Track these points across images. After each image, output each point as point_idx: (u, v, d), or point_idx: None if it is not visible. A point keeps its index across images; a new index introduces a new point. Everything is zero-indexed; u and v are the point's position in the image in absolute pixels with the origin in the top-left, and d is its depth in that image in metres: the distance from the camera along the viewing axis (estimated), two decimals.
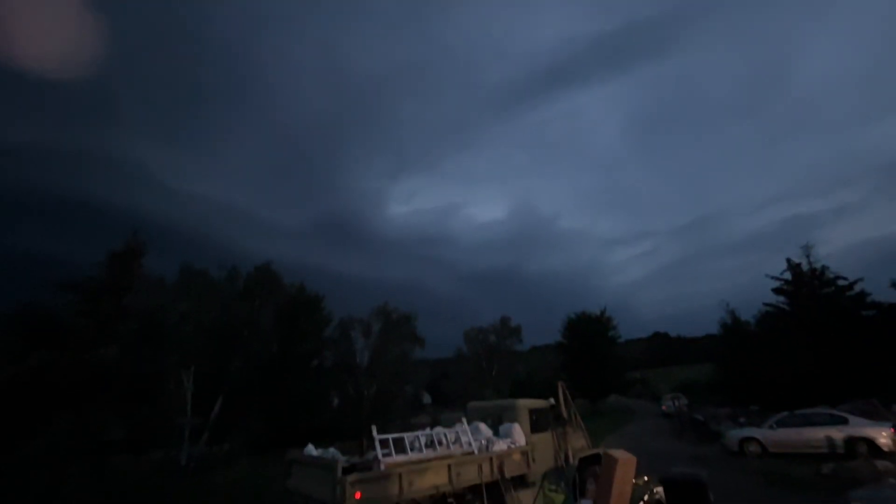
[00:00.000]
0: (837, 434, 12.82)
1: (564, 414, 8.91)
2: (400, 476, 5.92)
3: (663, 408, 35.98)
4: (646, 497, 7.80)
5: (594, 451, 8.96)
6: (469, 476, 6.63)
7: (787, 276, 24.81)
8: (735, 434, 15.33)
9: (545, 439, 8.30)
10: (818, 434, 13.16)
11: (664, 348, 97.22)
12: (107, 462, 12.76)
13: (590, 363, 37.87)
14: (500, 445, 7.38)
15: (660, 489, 7.67)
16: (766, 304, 25.82)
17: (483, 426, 7.83)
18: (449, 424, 7.65)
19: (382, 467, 5.92)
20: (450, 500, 6.38)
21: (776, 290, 25.17)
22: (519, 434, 7.78)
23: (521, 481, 7.46)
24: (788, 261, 24.82)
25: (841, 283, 23.06)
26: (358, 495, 5.49)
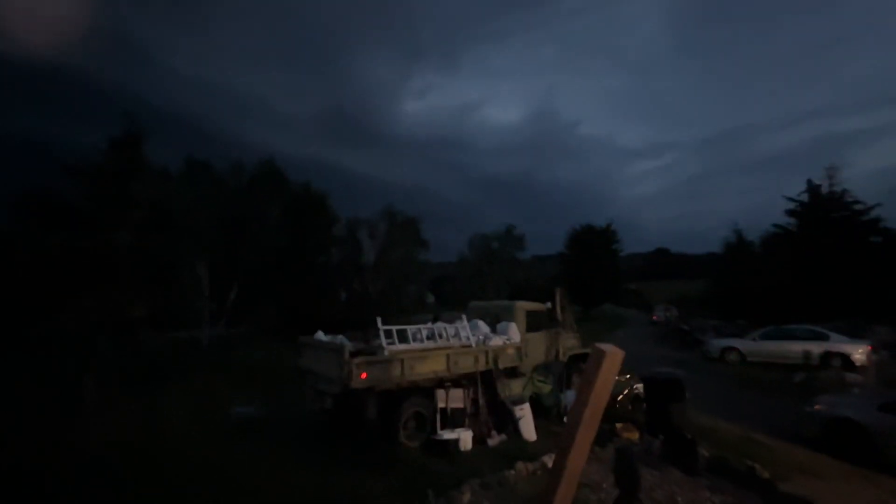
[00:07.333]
0: (816, 348, 13.46)
1: (559, 317, 9.36)
2: (402, 362, 6.44)
3: (654, 317, 37.93)
4: (626, 391, 8.55)
5: (583, 350, 9.57)
6: (465, 365, 7.19)
7: (805, 198, 24.19)
8: (717, 343, 16.24)
9: (539, 338, 8.82)
10: (797, 347, 13.82)
11: (665, 263, 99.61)
12: (133, 338, 13.99)
13: (588, 273, 39.06)
14: (496, 341, 7.87)
15: (639, 385, 8.36)
16: (774, 226, 25.61)
17: (481, 323, 8.28)
18: (449, 321, 8.07)
19: (386, 353, 6.38)
20: (447, 384, 7.00)
21: (789, 212, 24.75)
22: (514, 332, 8.24)
23: (513, 372, 8.11)
24: (809, 182, 24.01)
25: (857, 207, 22.58)
26: (363, 376, 6.01)
